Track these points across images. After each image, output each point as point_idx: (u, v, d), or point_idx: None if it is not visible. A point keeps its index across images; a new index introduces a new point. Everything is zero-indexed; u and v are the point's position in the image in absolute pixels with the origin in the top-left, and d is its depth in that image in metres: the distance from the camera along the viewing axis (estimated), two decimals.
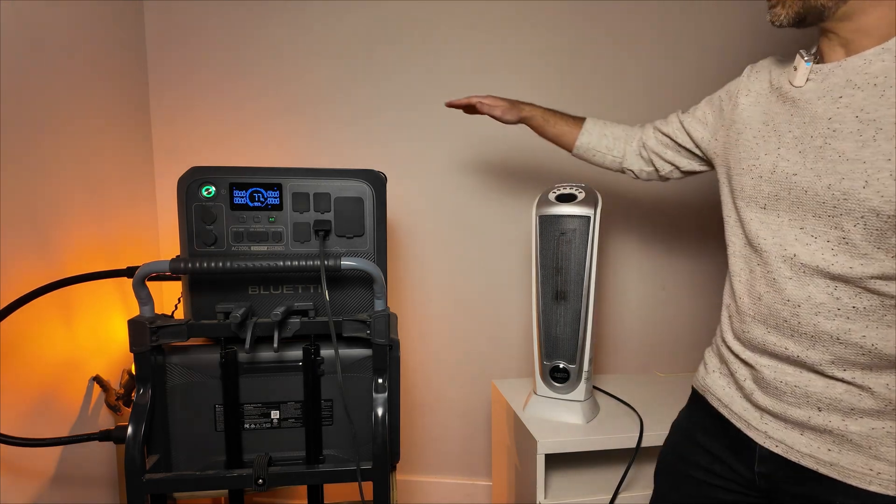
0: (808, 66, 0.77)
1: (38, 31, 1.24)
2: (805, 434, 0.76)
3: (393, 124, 1.71)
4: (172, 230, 1.69)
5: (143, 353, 0.98)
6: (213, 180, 1.03)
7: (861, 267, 0.70)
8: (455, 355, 1.80)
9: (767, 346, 0.79)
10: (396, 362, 1.04)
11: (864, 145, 0.69)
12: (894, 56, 0.68)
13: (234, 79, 1.68)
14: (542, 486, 1.27)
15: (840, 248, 0.71)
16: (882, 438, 0.71)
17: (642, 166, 1.14)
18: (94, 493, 1.40)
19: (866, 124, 0.69)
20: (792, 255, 0.76)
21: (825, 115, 0.73)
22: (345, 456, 1.08)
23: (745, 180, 0.83)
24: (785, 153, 0.77)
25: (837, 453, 0.73)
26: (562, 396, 1.36)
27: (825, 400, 0.74)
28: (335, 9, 1.66)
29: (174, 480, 0.98)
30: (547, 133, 1.23)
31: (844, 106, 0.72)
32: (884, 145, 0.67)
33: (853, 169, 0.69)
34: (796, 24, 0.76)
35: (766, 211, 0.79)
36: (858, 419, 0.72)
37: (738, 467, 0.85)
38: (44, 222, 1.24)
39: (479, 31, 1.67)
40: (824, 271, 0.72)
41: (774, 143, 0.79)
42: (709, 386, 0.93)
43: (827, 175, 0.71)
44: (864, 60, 0.71)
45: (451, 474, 1.85)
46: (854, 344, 0.71)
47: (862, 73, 0.71)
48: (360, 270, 0.99)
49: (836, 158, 0.71)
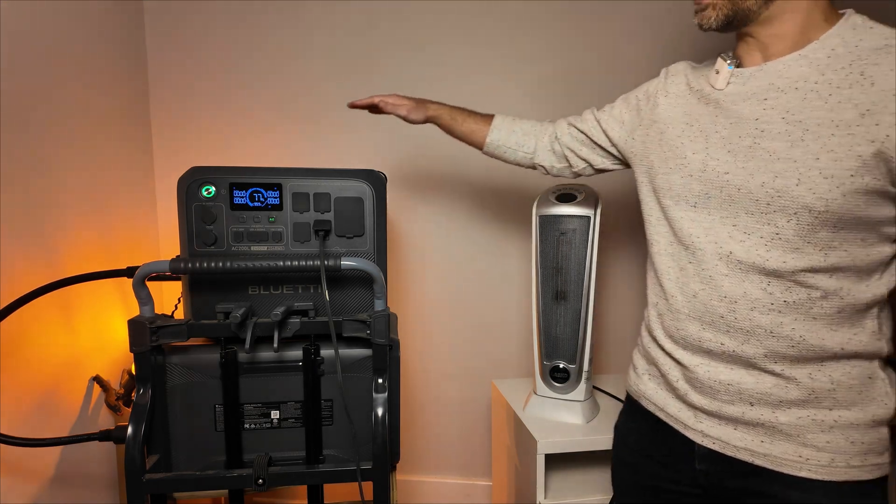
0: (730, 69, 0.81)
1: (37, 31, 1.24)
2: (739, 429, 0.80)
3: (393, 124, 1.70)
4: (172, 230, 1.69)
5: (143, 353, 0.98)
6: (213, 180, 1.03)
7: (793, 261, 0.73)
8: (455, 355, 1.80)
9: (703, 343, 0.81)
10: (396, 362, 1.04)
11: (793, 145, 0.72)
12: (810, 62, 0.74)
13: (235, 79, 1.68)
14: (541, 486, 1.27)
15: (773, 244, 0.74)
16: (808, 426, 0.75)
17: (553, 162, 1.14)
18: (94, 493, 1.40)
19: (793, 125, 0.73)
20: (728, 253, 0.78)
21: (752, 116, 0.77)
22: (345, 456, 1.08)
23: (674, 178, 0.85)
24: (714, 153, 0.80)
25: (770, 444, 0.77)
26: (562, 396, 1.36)
27: (756, 395, 0.78)
28: (335, 9, 1.66)
29: (174, 480, 0.98)
30: (455, 132, 1.20)
31: (770, 108, 0.76)
32: (812, 145, 0.71)
33: (786, 168, 0.72)
34: (724, 27, 0.79)
35: (696, 209, 0.82)
36: (787, 410, 0.76)
37: (680, 467, 0.87)
38: (44, 222, 1.24)
39: (479, 31, 1.67)
40: (759, 267, 0.76)
41: (702, 143, 0.82)
42: (642, 391, 0.95)
43: (759, 173, 0.75)
44: (783, 65, 0.76)
45: (450, 474, 1.85)
46: (785, 336, 0.75)
47: (783, 77, 0.75)
48: (360, 270, 0.99)
49: (767, 157, 0.74)
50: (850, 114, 0.69)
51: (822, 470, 0.75)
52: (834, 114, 0.70)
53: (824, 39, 0.74)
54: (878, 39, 0.70)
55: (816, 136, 0.71)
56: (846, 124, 0.70)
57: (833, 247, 0.72)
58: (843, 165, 0.69)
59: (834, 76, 0.71)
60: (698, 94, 0.85)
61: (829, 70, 0.72)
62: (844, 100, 0.70)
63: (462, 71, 1.68)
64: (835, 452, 0.75)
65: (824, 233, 0.72)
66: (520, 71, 1.69)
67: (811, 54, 0.74)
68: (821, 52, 0.73)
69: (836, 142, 0.70)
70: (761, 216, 0.75)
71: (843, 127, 0.70)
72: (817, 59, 0.73)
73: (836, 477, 0.74)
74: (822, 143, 0.71)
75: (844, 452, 0.75)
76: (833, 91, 0.71)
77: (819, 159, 0.70)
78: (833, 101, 0.71)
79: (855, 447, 0.75)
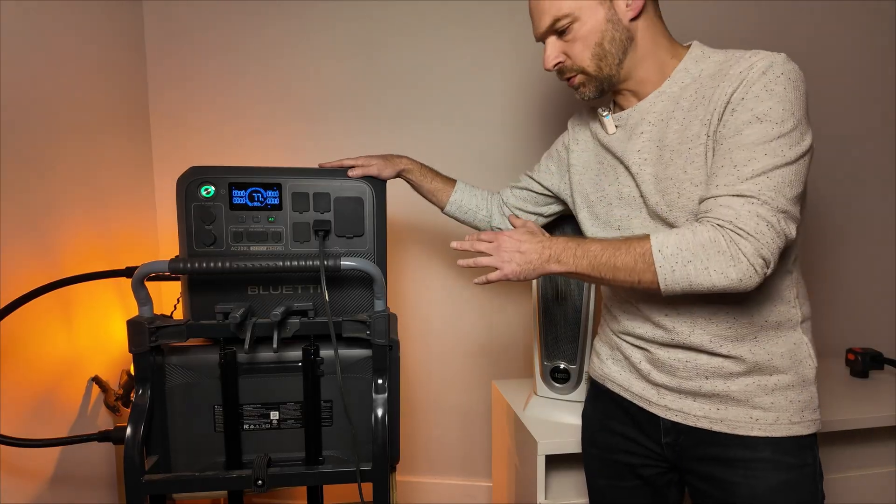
0: (607, 118, 0.96)
1: (38, 31, 1.24)
2: (698, 400, 0.90)
3: (393, 124, 1.71)
4: (172, 230, 1.68)
5: (142, 353, 0.97)
6: (213, 180, 1.03)
7: None
8: (455, 355, 1.80)
9: (657, 339, 0.92)
10: (396, 363, 1.04)
11: (667, 166, 0.86)
12: (667, 96, 0.88)
13: (234, 79, 1.68)
14: (542, 487, 1.27)
15: None
16: (755, 391, 0.87)
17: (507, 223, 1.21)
18: (94, 494, 1.40)
19: (664, 149, 0.87)
20: None
21: (635, 149, 0.91)
22: (345, 457, 1.07)
23: (598, 209, 0.99)
24: (624, 181, 0.94)
25: (724, 410, 0.88)
26: (562, 397, 1.36)
27: (710, 369, 0.88)
28: (335, 9, 1.66)
29: (173, 481, 0.98)
30: (422, 188, 1.24)
31: (647, 139, 0.90)
32: (678, 161, 0.85)
33: (667, 186, 0.86)
34: (600, 95, 0.93)
35: (620, 231, 0.95)
36: (736, 379, 0.87)
37: (647, 443, 0.97)
38: (44, 222, 1.24)
39: (479, 30, 1.67)
40: None
41: (612, 176, 0.96)
42: (606, 374, 1.03)
43: (654, 194, 0.88)
44: (649, 103, 0.90)
45: (451, 475, 1.85)
46: (722, 320, 0.87)
47: (651, 113, 0.90)
48: (360, 270, 0.99)
49: (652, 180, 0.88)
50: (696, 127, 0.83)
51: (770, 427, 0.86)
52: (687, 131, 0.84)
53: (674, 75, 0.88)
54: (713, 66, 0.85)
55: (679, 154, 0.85)
56: (696, 136, 0.83)
57: None
58: (703, 171, 0.82)
59: (685, 103, 0.86)
60: (598, 140, 0.99)
61: (682, 98, 0.87)
62: (692, 118, 0.84)
63: (463, 70, 1.68)
64: (778, 411, 0.86)
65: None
66: (526, 73, 1.68)
67: (667, 89, 0.89)
68: (674, 86, 0.88)
69: (694, 153, 0.83)
70: (672, 224, 0.87)
71: (693, 139, 0.83)
72: (672, 92, 0.88)
73: (781, 433, 0.86)
74: (684, 158, 0.84)
75: (785, 410, 0.86)
76: (686, 114, 0.85)
77: (686, 171, 0.84)
78: (686, 122, 0.85)
79: (793, 405, 0.86)
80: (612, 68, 0.89)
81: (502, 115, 1.71)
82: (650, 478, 0.99)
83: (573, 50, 0.90)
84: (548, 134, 1.71)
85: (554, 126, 1.71)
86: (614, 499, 1.04)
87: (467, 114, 1.71)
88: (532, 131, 1.72)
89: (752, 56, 0.80)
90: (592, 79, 0.91)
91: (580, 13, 0.86)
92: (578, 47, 0.89)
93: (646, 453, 0.98)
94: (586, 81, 0.92)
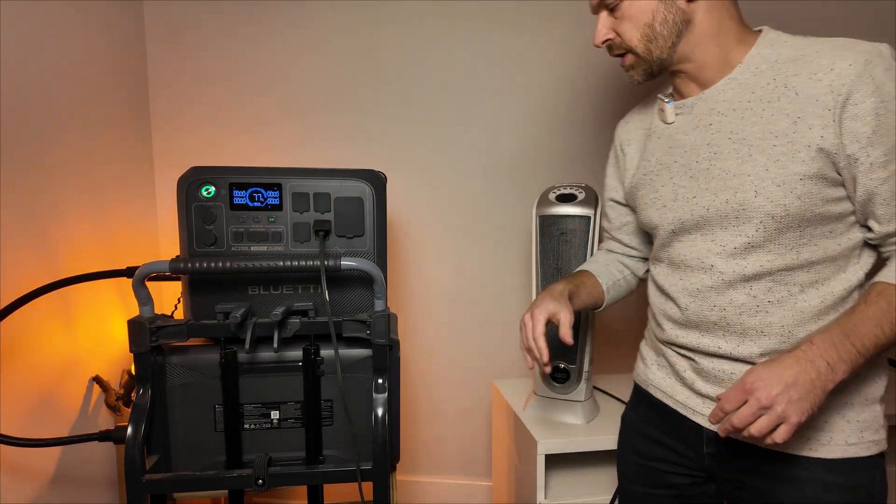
0: (670, 105, 0.89)
1: (38, 31, 1.24)
2: None
3: (393, 124, 1.71)
4: (172, 230, 1.69)
5: (142, 353, 0.97)
6: (213, 180, 1.03)
7: (769, 264, 0.80)
8: (455, 355, 1.80)
9: (701, 348, 0.87)
10: (396, 362, 1.04)
11: (743, 161, 0.79)
12: (739, 83, 0.81)
13: (234, 79, 1.68)
14: (542, 487, 1.27)
15: (748, 252, 0.81)
16: None
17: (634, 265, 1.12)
18: (94, 493, 1.40)
19: (739, 143, 0.80)
20: (710, 266, 0.84)
21: (703, 142, 0.84)
22: (345, 456, 1.07)
23: (651, 212, 0.93)
24: (679, 181, 0.87)
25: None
26: (562, 397, 1.36)
27: None
28: (335, 9, 1.66)
29: (174, 481, 0.98)
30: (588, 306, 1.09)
31: (717, 131, 0.83)
32: (759, 158, 0.78)
33: (742, 182, 0.79)
34: (650, 78, 0.89)
35: (675, 234, 0.89)
36: None
37: (686, 452, 0.92)
38: (44, 222, 1.24)
39: (480, 30, 1.67)
40: (740, 274, 0.81)
41: (667, 176, 0.90)
42: (650, 379, 0.99)
43: (722, 192, 0.81)
44: (718, 91, 0.84)
45: (450, 475, 1.85)
46: (775, 334, 0.80)
47: (721, 101, 0.83)
48: (360, 270, 0.99)
49: (724, 176, 0.81)
50: (783, 123, 0.76)
51: (822, 448, 0.79)
52: (770, 126, 0.77)
53: (747, 60, 0.81)
54: (791, 51, 0.78)
55: (761, 150, 0.78)
56: (783, 133, 0.76)
57: (802, 244, 0.78)
58: (790, 171, 0.75)
59: (762, 92, 0.79)
60: (655, 134, 0.93)
61: (758, 87, 0.79)
62: (776, 111, 0.77)
63: (464, 71, 1.68)
64: (833, 431, 0.79)
65: (790, 234, 0.78)
66: (526, 73, 1.69)
67: (739, 76, 0.82)
68: (747, 72, 0.81)
69: (779, 151, 0.76)
70: (732, 229, 0.81)
71: (780, 136, 0.76)
72: (745, 79, 0.81)
73: (835, 454, 0.78)
74: (767, 155, 0.77)
75: (842, 431, 0.79)
76: (765, 106, 0.78)
77: (769, 170, 0.77)
78: (767, 115, 0.78)
79: (851, 425, 0.79)
80: (662, 51, 0.83)
81: (505, 116, 1.71)
82: (682, 487, 0.95)
83: (622, 28, 0.85)
84: (557, 137, 1.72)
85: (560, 128, 1.71)
86: None
87: (470, 115, 1.71)
88: (537, 140, 1.72)
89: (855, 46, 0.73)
90: (641, 60, 0.86)
91: None
92: (627, 26, 0.84)
93: (681, 462, 0.93)
94: (635, 63, 0.87)
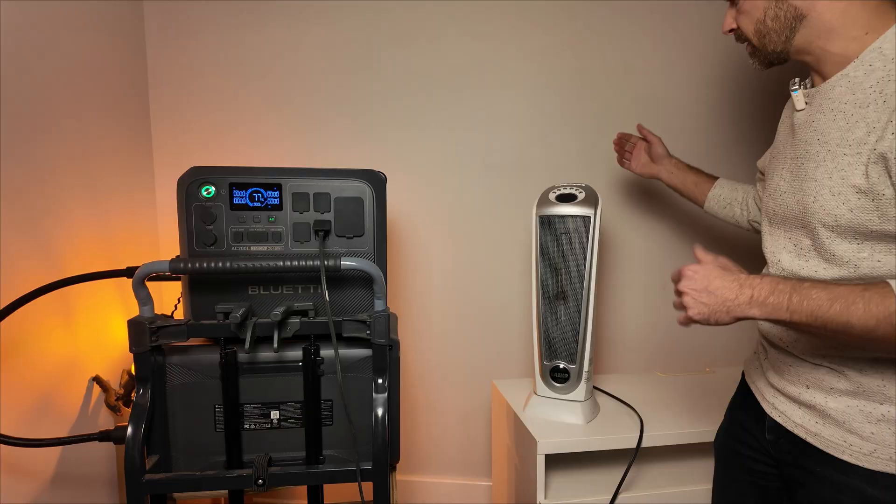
0: (795, 93, 0.88)
1: (38, 31, 1.24)
2: (801, 408, 0.87)
3: (393, 124, 1.71)
4: (172, 230, 1.68)
5: (142, 353, 0.97)
6: (213, 180, 1.03)
7: (824, 271, 0.81)
8: (455, 355, 1.80)
9: (770, 338, 0.93)
10: (396, 362, 1.04)
11: (818, 165, 0.80)
12: (849, 80, 0.78)
13: (234, 79, 1.68)
14: (542, 487, 1.27)
15: (809, 255, 0.83)
16: (855, 416, 0.80)
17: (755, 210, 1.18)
18: (94, 493, 1.40)
19: (821, 146, 0.80)
20: (777, 261, 0.89)
21: (804, 139, 0.85)
22: (345, 456, 1.08)
23: (764, 198, 0.96)
24: (782, 173, 0.90)
25: (822, 426, 0.84)
26: (562, 397, 1.36)
27: (811, 379, 0.85)
28: (335, 9, 1.66)
29: (174, 481, 0.98)
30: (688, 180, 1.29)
31: (812, 130, 0.83)
32: (829, 165, 0.78)
33: (809, 186, 0.81)
34: (769, 67, 0.91)
35: (771, 224, 0.93)
36: (837, 398, 0.82)
37: (757, 434, 0.97)
38: (44, 222, 1.24)
39: (479, 29, 1.67)
40: (797, 275, 0.84)
41: (780, 165, 0.92)
42: (747, 366, 1.06)
43: (796, 192, 0.84)
44: (829, 86, 0.82)
45: (451, 474, 1.85)
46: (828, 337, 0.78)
47: (827, 99, 0.82)
48: (360, 270, 0.99)
49: (803, 177, 0.83)
50: (860, 132, 0.74)
51: (864, 458, 0.79)
52: (849, 133, 0.76)
53: (864, 55, 0.77)
54: None
55: (833, 156, 0.77)
56: (857, 142, 0.74)
57: (861, 258, 0.76)
58: (849, 182, 0.74)
59: (861, 95, 0.76)
60: (790, 120, 0.92)
61: (860, 89, 0.76)
62: (860, 119, 0.75)
63: (465, 71, 1.68)
64: (878, 444, 0.78)
65: (846, 244, 0.77)
66: (526, 74, 1.69)
67: (852, 72, 0.78)
68: (860, 69, 0.77)
69: (847, 161, 0.75)
70: (802, 229, 0.84)
71: (854, 146, 0.75)
72: (856, 76, 0.77)
73: (877, 466, 0.78)
74: (836, 163, 0.77)
75: (889, 445, 0.78)
76: (855, 111, 0.76)
77: (832, 178, 0.77)
78: (852, 122, 0.76)
79: None
80: (776, 44, 0.85)
81: (505, 116, 1.71)
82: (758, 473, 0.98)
83: (741, 21, 0.89)
84: (557, 137, 1.72)
85: (560, 127, 1.71)
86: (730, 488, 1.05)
87: (470, 114, 1.71)
88: (537, 140, 1.72)
89: None
90: (757, 51, 0.89)
91: None
92: (745, 20, 0.88)
93: (756, 447, 0.97)
94: (753, 52, 0.91)
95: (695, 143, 1.72)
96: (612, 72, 1.69)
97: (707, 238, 1.78)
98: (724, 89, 1.71)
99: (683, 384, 1.61)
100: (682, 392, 1.54)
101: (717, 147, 1.74)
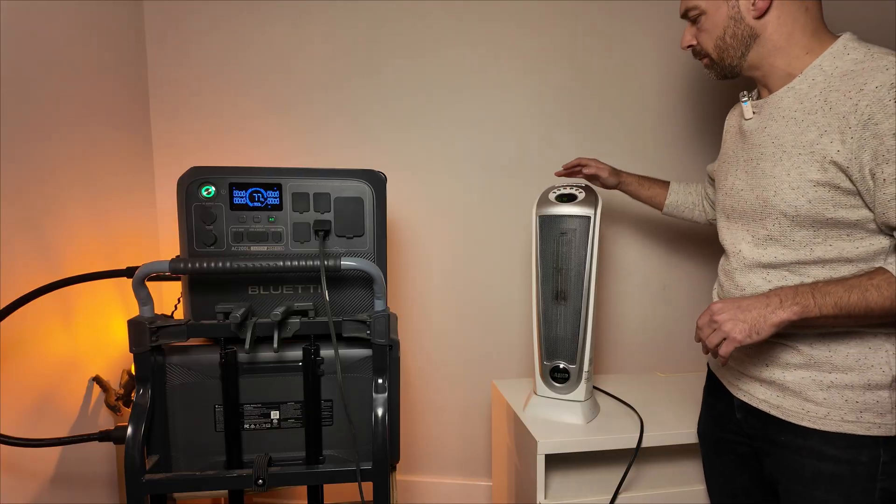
0: (745, 104, 1.00)
1: (38, 31, 1.24)
2: (763, 385, 0.99)
3: (393, 124, 1.71)
4: (172, 230, 1.69)
5: (142, 353, 0.97)
6: (213, 180, 1.03)
7: (782, 256, 0.93)
8: (455, 355, 1.80)
9: None
10: (396, 362, 1.04)
11: (775, 164, 0.91)
12: (795, 93, 0.91)
13: (234, 79, 1.68)
14: (542, 487, 1.27)
15: (767, 243, 0.95)
16: (809, 385, 0.92)
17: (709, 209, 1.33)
18: (94, 493, 1.40)
19: (777, 147, 0.92)
20: (738, 251, 1.00)
21: (758, 143, 0.97)
22: (345, 456, 1.08)
23: (719, 196, 1.08)
24: (737, 173, 1.01)
25: (782, 398, 0.96)
26: (562, 397, 1.36)
27: (770, 358, 0.97)
28: (335, 8, 1.66)
29: (174, 481, 0.98)
30: (641, 196, 1.42)
31: (766, 135, 0.95)
32: (786, 163, 0.90)
33: (768, 182, 0.92)
34: (724, 79, 1.03)
35: (729, 219, 1.04)
36: (793, 371, 0.94)
37: (729, 416, 1.08)
38: (44, 222, 1.24)
39: (479, 29, 1.67)
40: (758, 262, 0.96)
41: (733, 167, 1.03)
42: (710, 357, 1.15)
43: (755, 189, 0.95)
44: (777, 98, 0.94)
45: (450, 474, 1.85)
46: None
47: (777, 108, 0.94)
48: (360, 270, 0.99)
49: (760, 175, 0.94)
50: (812, 134, 0.86)
51: (819, 422, 0.91)
52: (802, 136, 0.88)
53: (806, 72, 0.90)
54: (849, 65, 0.84)
55: (790, 156, 0.89)
56: (809, 143, 0.86)
57: (816, 243, 0.89)
58: (806, 178, 0.86)
59: (808, 104, 0.88)
60: (738, 127, 1.04)
61: (806, 99, 0.89)
62: (811, 123, 0.87)
63: (465, 71, 1.68)
64: (830, 407, 0.90)
65: (804, 232, 0.89)
66: (526, 74, 1.69)
67: (797, 86, 0.91)
68: (804, 83, 0.90)
69: (802, 159, 0.87)
70: (759, 221, 0.95)
71: (807, 146, 0.87)
72: (801, 90, 0.90)
73: (831, 427, 0.90)
74: (792, 161, 0.89)
75: (839, 408, 0.89)
76: (804, 117, 0.88)
77: (790, 174, 0.89)
78: (804, 126, 0.88)
79: (849, 405, 0.89)
80: (733, 59, 0.97)
81: (506, 116, 1.71)
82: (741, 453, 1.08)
83: (701, 38, 1.00)
84: (557, 137, 1.72)
85: (560, 127, 1.71)
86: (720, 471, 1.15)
87: (470, 114, 1.71)
88: (537, 141, 1.72)
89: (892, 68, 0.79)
90: (715, 64, 1.01)
91: (707, 8, 0.96)
92: (705, 37, 0.99)
93: (728, 427, 1.08)
94: (711, 65, 1.02)
95: (695, 143, 1.72)
96: (611, 72, 1.70)
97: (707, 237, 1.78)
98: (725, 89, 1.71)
99: (683, 384, 1.61)
100: (682, 392, 1.54)
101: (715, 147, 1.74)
